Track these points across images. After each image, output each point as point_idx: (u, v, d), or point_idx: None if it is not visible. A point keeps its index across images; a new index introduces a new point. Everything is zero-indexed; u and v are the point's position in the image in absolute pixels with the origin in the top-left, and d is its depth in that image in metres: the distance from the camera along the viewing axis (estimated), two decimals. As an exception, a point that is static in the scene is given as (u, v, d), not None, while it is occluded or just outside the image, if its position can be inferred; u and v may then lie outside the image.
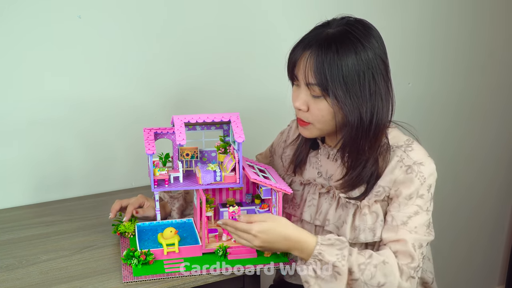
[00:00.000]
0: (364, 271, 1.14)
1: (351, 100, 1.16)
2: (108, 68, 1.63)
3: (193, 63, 1.75)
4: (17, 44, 1.50)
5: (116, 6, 1.59)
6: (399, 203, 1.21)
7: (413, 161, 1.21)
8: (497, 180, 2.58)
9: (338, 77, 1.15)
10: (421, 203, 1.21)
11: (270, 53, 1.84)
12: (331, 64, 1.15)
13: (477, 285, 2.69)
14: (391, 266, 1.15)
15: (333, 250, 1.14)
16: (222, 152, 1.36)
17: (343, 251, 1.14)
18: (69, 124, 1.63)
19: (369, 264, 1.15)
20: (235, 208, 1.29)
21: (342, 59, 1.15)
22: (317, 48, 1.17)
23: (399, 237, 1.19)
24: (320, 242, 1.15)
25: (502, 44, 2.36)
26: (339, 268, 1.13)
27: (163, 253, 1.23)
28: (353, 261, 1.14)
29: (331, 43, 1.16)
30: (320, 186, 1.34)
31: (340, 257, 1.14)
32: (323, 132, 1.26)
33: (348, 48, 1.15)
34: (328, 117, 1.21)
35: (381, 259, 1.16)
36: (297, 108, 1.23)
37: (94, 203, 1.61)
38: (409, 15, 2.08)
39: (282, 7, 1.84)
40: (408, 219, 1.20)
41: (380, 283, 1.14)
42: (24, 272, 1.22)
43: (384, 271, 1.15)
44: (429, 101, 2.24)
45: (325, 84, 1.16)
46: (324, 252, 1.14)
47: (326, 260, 1.13)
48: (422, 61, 2.18)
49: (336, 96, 1.16)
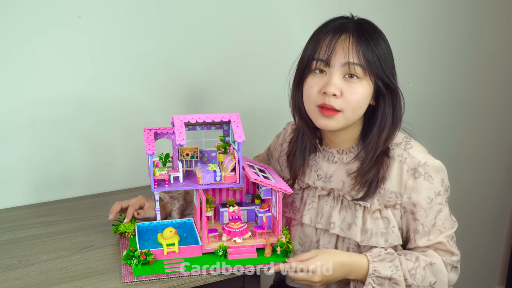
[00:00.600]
0: (415, 275, 1.21)
1: (390, 81, 1.21)
2: (108, 68, 1.63)
3: (193, 63, 1.75)
4: (18, 45, 1.50)
5: (116, 7, 1.59)
6: (425, 210, 1.24)
7: (417, 162, 1.22)
8: (497, 180, 2.58)
9: (378, 58, 1.20)
10: (441, 200, 1.25)
11: (271, 53, 1.84)
12: (371, 45, 1.19)
13: (477, 285, 2.69)
14: (439, 265, 1.22)
15: (386, 264, 1.19)
16: (222, 152, 1.36)
17: (395, 262, 1.20)
18: (69, 125, 1.63)
19: (418, 267, 1.21)
20: (235, 208, 1.29)
21: (377, 43, 1.20)
22: (356, 30, 1.20)
23: (434, 241, 1.24)
24: (372, 260, 1.20)
25: (502, 44, 2.36)
26: (396, 279, 1.19)
27: (163, 253, 1.23)
28: (405, 269, 1.20)
29: (364, 28, 1.21)
30: (320, 189, 1.33)
31: (393, 269, 1.19)
32: (348, 122, 1.24)
33: (378, 35, 1.22)
34: (362, 102, 1.21)
35: (428, 261, 1.22)
36: (332, 93, 1.19)
37: (94, 203, 1.61)
38: (409, 15, 2.08)
39: (283, 7, 1.84)
40: (435, 219, 1.24)
41: (432, 282, 1.22)
42: (24, 272, 1.22)
43: (433, 271, 1.22)
44: (429, 101, 2.24)
45: (369, 62, 1.19)
46: (379, 268, 1.19)
47: (383, 276, 1.18)
48: (422, 61, 2.18)
49: (382, 74, 1.20)
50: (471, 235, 2.59)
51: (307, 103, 1.26)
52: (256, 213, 1.39)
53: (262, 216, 1.32)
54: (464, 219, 2.53)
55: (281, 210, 1.27)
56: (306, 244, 1.36)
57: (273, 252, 1.26)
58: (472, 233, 2.58)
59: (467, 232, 2.57)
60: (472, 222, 2.57)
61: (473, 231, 2.59)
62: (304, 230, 1.36)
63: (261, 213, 1.34)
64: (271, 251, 1.26)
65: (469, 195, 2.51)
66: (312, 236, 1.35)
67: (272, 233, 1.32)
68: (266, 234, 1.30)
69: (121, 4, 1.60)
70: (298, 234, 1.37)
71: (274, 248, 1.26)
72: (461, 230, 2.52)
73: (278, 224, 1.27)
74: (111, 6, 1.59)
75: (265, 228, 1.30)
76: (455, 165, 2.42)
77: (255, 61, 1.84)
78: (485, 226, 2.63)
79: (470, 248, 2.61)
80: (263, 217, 1.32)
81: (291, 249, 1.26)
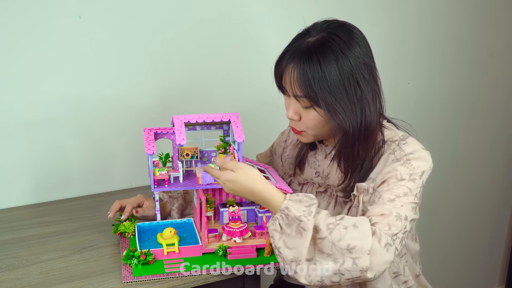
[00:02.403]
0: (333, 230, 1.08)
1: (340, 107, 1.16)
2: (108, 68, 1.63)
3: (193, 63, 1.75)
4: (17, 44, 1.50)
5: (116, 7, 1.59)
6: (388, 184, 1.17)
7: (403, 154, 1.19)
8: (497, 180, 2.58)
9: (324, 87, 1.14)
10: (412, 186, 1.17)
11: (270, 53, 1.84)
12: (315, 75, 1.14)
13: (477, 285, 2.69)
14: (363, 229, 1.09)
15: (301, 206, 1.11)
16: (222, 152, 1.36)
17: (311, 208, 1.11)
18: (69, 124, 1.63)
19: (338, 225, 1.09)
20: (235, 208, 1.29)
21: (324, 69, 1.14)
22: (299, 61, 1.16)
23: (383, 211, 1.13)
24: (289, 198, 1.13)
25: (502, 44, 2.36)
26: (304, 223, 1.08)
27: (163, 253, 1.23)
28: (321, 219, 1.10)
29: (312, 55, 1.15)
30: (317, 185, 1.34)
31: (306, 213, 1.10)
32: (318, 137, 1.27)
33: (329, 59, 1.14)
34: (319, 125, 1.22)
35: (352, 222, 1.10)
36: (289, 118, 1.25)
37: (94, 203, 1.61)
38: (409, 15, 2.08)
39: (283, 8, 1.84)
40: (396, 197, 1.15)
41: (350, 246, 1.07)
42: (24, 272, 1.22)
43: (354, 234, 1.08)
44: (429, 101, 2.24)
45: (312, 95, 1.16)
46: (291, 207, 1.11)
47: (292, 215, 1.10)
48: (422, 61, 2.17)
49: (325, 106, 1.16)
50: (471, 235, 2.59)
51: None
52: (256, 213, 1.39)
53: (262, 216, 1.32)
54: (464, 219, 2.54)
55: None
56: None
57: (273, 252, 1.26)
58: (472, 233, 2.59)
59: (467, 232, 2.57)
60: (472, 222, 2.57)
61: (473, 231, 2.59)
62: None
63: (261, 213, 1.34)
64: (271, 251, 1.26)
65: (469, 195, 2.51)
66: None
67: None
68: (266, 234, 1.30)
69: (122, 4, 1.60)
70: None
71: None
72: (462, 230, 2.55)
73: (278, 224, 1.27)
74: (111, 6, 1.59)
75: (265, 228, 1.30)
76: (455, 165, 2.43)
77: (255, 61, 1.84)
78: (485, 226, 2.62)
79: (470, 248, 2.61)
80: (263, 217, 1.32)
81: (291, 249, 1.25)
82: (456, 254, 2.57)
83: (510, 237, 2.69)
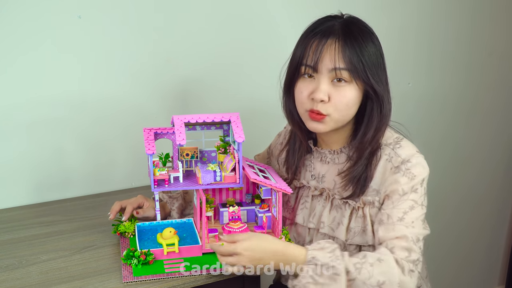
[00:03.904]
0: (361, 270, 1.11)
1: (377, 84, 1.20)
2: (108, 68, 1.63)
3: (193, 63, 1.75)
4: (18, 44, 1.50)
5: (115, 6, 1.59)
6: (393, 201, 1.19)
7: (401, 160, 1.21)
8: (497, 180, 2.58)
9: (365, 61, 1.18)
10: (416, 197, 1.19)
11: (271, 53, 1.84)
12: (357, 49, 1.18)
13: (477, 285, 2.69)
14: (388, 262, 1.12)
15: (325, 253, 1.13)
16: (222, 152, 1.36)
17: (335, 252, 1.13)
18: (69, 124, 1.63)
19: (364, 263, 1.12)
20: (235, 208, 1.30)
21: (365, 45, 1.19)
22: (342, 34, 1.19)
23: (397, 234, 1.16)
24: (311, 248, 1.14)
25: (502, 43, 2.36)
26: (336, 268, 1.10)
27: (163, 253, 1.23)
28: (347, 261, 1.12)
29: (352, 30, 1.19)
30: (313, 189, 1.34)
31: (333, 258, 1.12)
32: (338, 124, 1.24)
33: (367, 36, 1.21)
34: (350, 104, 1.21)
35: (376, 257, 1.13)
36: (320, 99, 1.20)
37: (94, 203, 1.61)
38: (408, 14, 2.08)
39: (283, 7, 1.84)
40: (404, 215, 1.18)
41: (380, 282, 1.10)
42: (24, 272, 1.22)
43: (381, 269, 1.11)
44: (429, 101, 2.24)
45: (355, 67, 1.18)
46: (318, 256, 1.12)
47: (321, 263, 1.11)
48: (421, 61, 2.17)
49: (368, 78, 1.18)
50: (471, 235, 2.59)
51: (298, 107, 1.27)
52: (256, 213, 1.39)
53: (262, 216, 1.32)
54: (464, 219, 2.54)
55: (281, 210, 1.27)
56: (299, 243, 1.36)
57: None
58: (472, 233, 2.58)
59: (467, 232, 2.57)
60: (472, 222, 2.57)
61: (473, 231, 2.59)
62: (297, 230, 1.37)
63: (261, 213, 1.34)
64: (271, 251, 1.26)
65: (469, 195, 2.51)
66: (305, 235, 1.35)
67: (272, 233, 1.32)
68: (266, 234, 1.30)
69: (121, 4, 1.60)
70: (292, 233, 1.38)
71: (274, 248, 1.26)
72: (462, 230, 2.55)
73: (278, 224, 1.27)
74: (111, 6, 1.59)
75: (265, 228, 1.30)
76: (454, 165, 2.43)
77: (255, 62, 1.84)
78: (485, 226, 2.62)
79: (470, 248, 2.61)
80: (263, 217, 1.32)
81: (291, 249, 1.25)
82: (456, 254, 2.57)
83: (510, 237, 2.69)
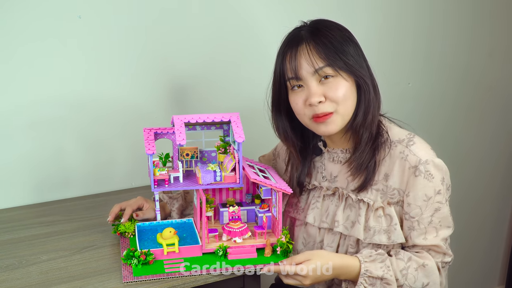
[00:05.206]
0: (407, 276, 1.21)
1: (358, 67, 1.22)
2: (108, 68, 1.63)
3: (193, 63, 1.75)
4: (18, 45, 1.50)
5: (115, 6, 1.59)
6: (420, 207, 1.23)
7: (418, 160, 1.22)
8: (496, 179, 2.58)
9: (339, 48, 1.20)
10: (440, 199, 1.24)
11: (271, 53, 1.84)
12: (328, 43, 1.20)
13: (477, 285, 2.69)
14: (432, 267, 1.23)
15: (377, 264, 1.20)
16: (222, 152, 1.36)
17: (386, 262, 1.21)
18: (69, 124, 1.63)
19: (409, 267, 1.22)
20: (235, 208, 1.29)
21: (333, 35, 1.21)
22: (310, 36, 1.22)
23: (430, 242, 1.24)
24: (363, 260, 1.20)
25: (501, 43, 2.36)
26: (387, 279, 1.19)
27: (163, 253, 1.23)
28: (396, 269, 1.21)
29: (318, 29, 1.23)
30: (325, 189, 1.34)
31: (385, 269, 1.20)
32: (345, 118, 1.25)
33: (332, 28, 1.24)
34: (347, 94, 1.22)
35: (420, 262, 1.22)
36: (317, 101, 1.22)
37: (94, 203, 1.61)
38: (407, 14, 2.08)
39: (282, 8, 1.84)
40: (432, 217, 1.24)
41: (424, 284, 1.22)
42: (24, 272, 1.22)
43: (425, 272, 1.22)
44: (428, 100, 2.24)
45: (333, 59, 1.20)
46: (370, 268, 1.19)
47: (375, 276, 1.19)
48: (420, 61, 2.17)
49: (349, 65, 1.20)
50: (471, 235, 2.59)
51: (301, 118, 1.29)
52: (256, 213, 1.39)
53: (262, 216, 1.32)
54: (464, 219, 2.53)
55: (281, 210, 1.27)
56: (309, 244, 1.36)
57: (273, 252, 1.26)
58: (472, 233, 2.58)
59: (467, 232, 2.57)
60: (472, 222, 2.56)
61: (473, 231, 2.59)
62: (308, 230, 1.36)
63: (261, 213, 1.34)
64: (271, 251, 1.26)
65: (469, 195, 2.50)
66: (316, 235, 1.35)
67: (272, 233, 1.32)
68: (266, 234, 1.30)
69: (121, 4, 1.60)
70: (301, 234, 1.38)
71: (274, 248, 1.26)
72: (461, 230, 2.54)
73: (278, 224, 1.27)
74: (111, 6, 1.59)
75: (265, 228, 1.30)
76: (454, 165, 2.40)
77: (255, 61, 1.84)
78: (485, 226, 2.62)
79: (470, 248, 2.61)
80: (263, 217, 1.32)
81: (291, 249, 1.26)
82: (456, 254, 2.55)
83: (510, 237, 2.69)
